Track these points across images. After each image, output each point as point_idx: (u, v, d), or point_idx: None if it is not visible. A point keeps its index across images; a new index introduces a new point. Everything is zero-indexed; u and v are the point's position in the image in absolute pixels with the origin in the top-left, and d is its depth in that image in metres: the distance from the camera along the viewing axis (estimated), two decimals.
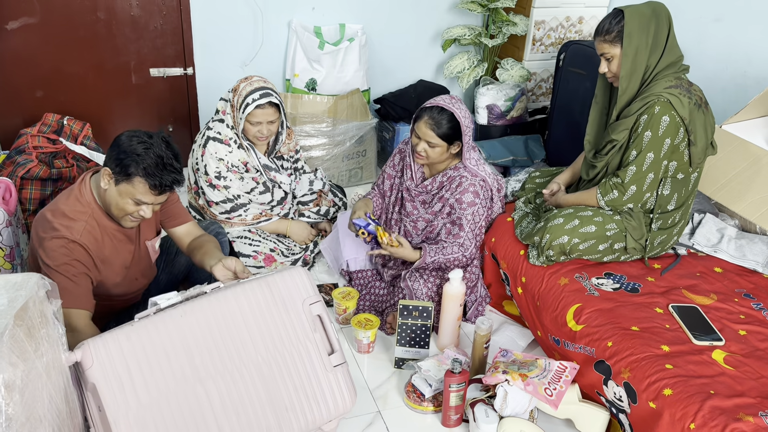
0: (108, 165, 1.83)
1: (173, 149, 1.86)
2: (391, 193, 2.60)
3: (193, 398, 1.59)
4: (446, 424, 2.02)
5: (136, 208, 1.86)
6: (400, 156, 2.58)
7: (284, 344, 1.73)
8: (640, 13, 2.10)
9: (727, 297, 2.11)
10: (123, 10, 3.19)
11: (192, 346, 1.63)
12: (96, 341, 1.57)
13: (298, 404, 1.70)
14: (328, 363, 1.76)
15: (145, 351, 1.59)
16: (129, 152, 1.79)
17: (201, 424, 1.58)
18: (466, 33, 3.63)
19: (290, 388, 1.70)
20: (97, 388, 1.57)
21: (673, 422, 1.66)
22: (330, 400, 1.74)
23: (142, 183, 1.80)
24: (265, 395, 1.67)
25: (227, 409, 1.61)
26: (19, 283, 1.30)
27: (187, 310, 1.66)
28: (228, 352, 1.66)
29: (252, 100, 2.45)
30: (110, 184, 1.84)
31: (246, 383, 1.66)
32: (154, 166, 1.79)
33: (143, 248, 2.08)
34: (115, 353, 1.57)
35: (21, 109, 3.23)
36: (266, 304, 1.74)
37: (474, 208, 2.34)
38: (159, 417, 1.55)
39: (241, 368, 1.66)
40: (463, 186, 2.36)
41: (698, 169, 2.23)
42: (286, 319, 1.75)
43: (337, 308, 2.47)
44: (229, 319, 1.69)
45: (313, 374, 1.74)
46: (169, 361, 1.60)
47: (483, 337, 2.16)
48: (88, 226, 1.88)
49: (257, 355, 1.69)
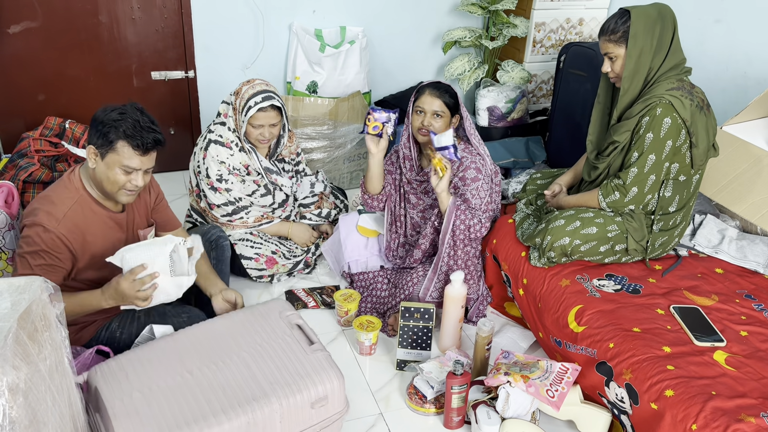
0: (91, 143, 1.87)
1: (148, 115, 1.90)
2: (395, 189, 2.61)
3: (182, 382, 1.72)
4: (448, 425, 2.02)
5: (127, 177, 1.89)
6: (397, 155, 2.59)
7: (264, 339, 1.89)
8: (646, 14, 2.10)
9: (728, 298, 2.11)
10: (124, 13, 3.20)
11: (181, 350, 1.83)
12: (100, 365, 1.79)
13: (282, 379, 1.76)
14: (308, 349, 1.87)
15: (139, 357, 1.80)
16: (106, 122, 1.84)
17: (191, 401, 1.67)
18: (466, 35, 3.64)
19: (273, 367, 1.79)
20: (99, 390, 1.64)
21: (675, 423, 1.66)
22: (315, 377, 1.78)
23: (126, 146, 1.84)
24: (248, 374, 1.77)
25: (214, 387, 1.72)
26: (22, 287, 1.30)
27: (178, 333, 1.92)
28: (213, 349, 1.84)
29: (254, 103, 2.45)
30: (97, 161, 1.87)
31: (230, 367, 1.78)
32: (133, 128, 1.84)
33: (135, 238, 2.10)
34: (115, 364, 1.78)
35: (23, 113, 3.24)
36: (246, 319, 1.96)
37: (477, 183, 2.35)
38: (152, 399, 1.67)
39: (224, 358, 1.81)
40: (465, 164, 2.39)
41: (700, 170, 2.23)
42: (265, 324, 1.94)
43: (338, 310, 2.48)
44: (214, 332, 1.91)
45: (295, 357, 1.83)
46: (160, 360, 1.79)
47: (485, 339, 2.16)
48: (71, 211, 1.89)
49: (239, 349, 1.85)
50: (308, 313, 2.56)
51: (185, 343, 1.86)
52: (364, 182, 2.59)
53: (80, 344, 2.06)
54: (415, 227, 2.54)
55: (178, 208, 3.26)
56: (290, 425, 1.74)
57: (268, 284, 2.73)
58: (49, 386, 1.33)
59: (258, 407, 1.67)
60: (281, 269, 2.71)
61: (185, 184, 3.51)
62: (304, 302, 2.61)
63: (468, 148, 2.44)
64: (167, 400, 1.66)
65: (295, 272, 2.77)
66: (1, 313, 1.21)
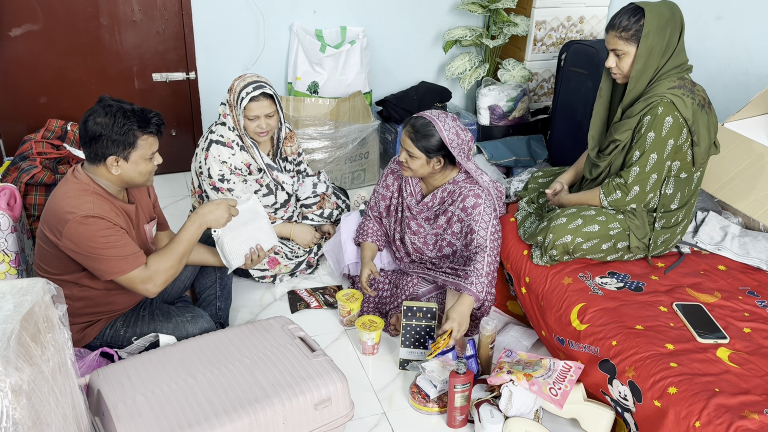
0: (107, 155, 1.86)
1: (123, 100, 1.91)
2: (388, 213, 2.57)
3: (185, 386, 1.74)
4: (451, 424, 2.02)
5: (152, 163, 1.96)
6: (393, 176, 2.54)
7: (267, 347, 1.91)
8: (659, 13, 2.05)
9: (731, 295, 2.11)
10: (125, 15, 3.20)
11: (184, 357, 1.85)
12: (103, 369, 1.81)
13: (285, 381, 1.77)
14: (311, 355, 1.89)
15: (142, 361, 1.82)
16: (116, 128, 1.84)
17: (193, 403, 1.68)
18: (467, 34, 3.64)
19: (275, 372, 1.81)
20: (102, 393, 1.64)
21: (678, 420, 1.66)
22: (318, 379, 1.79)
23: (146, 138, 1.89)
24: (251, 377, 1.78)
25: (216, 390, 1.73)
26: (24, 288, 1.31)
27: (181, 342, 1.94)
28: (216, 356, 1.87)
29: (246, 93, 2.47)
30: (120, 165, 1.90)
31: (232, 372, 1.80)
32: (138, 119, 1.87)
33: (142, 232, 2.11)
34: (117, 367, 1.80)
35: (25, 116, 3.25)
36: (249, 331, 1.99)
37: (479, 208, 2.30)
38: (155, 402, 1.68)
39: (227, 364, 1.83)
40: (464, 193, 2.33)
41: (701, 168, 2.22)
42: (268, 336, 1.97)
43: (341, 310, 2.48)
44: (218, 341, 1.94)
45: (297, 362, 1.85)
46: (163, 365, 1.81)
47: (488, 338, 2.16)
48: (93, 201, 1.89)
49: (242, 355, 1.87)
50: (311, 313, 2.56)
51: (188, 351, 1.87)
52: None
53: (85, 342, 2.07)
54: (418, 252, 2.50)
55: (180, 209, 3.27)
56: (294, 427, 1.73)
57: (271, 285, 2.73)
58: (52, 387, 1.33)
59: (260, 409, 1.67)
60: (283, 270, 2.71)
61: (187, 186, 3.52)
62: (306, 302, 2.61)
63: (468, 178, 2.37)
64: (170, 402, 1.67)
65: (297, 272, 2.77)
66: (4, 314, 1.22)
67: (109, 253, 1.86)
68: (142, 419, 1.61)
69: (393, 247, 2.59)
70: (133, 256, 1.91)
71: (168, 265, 1.98)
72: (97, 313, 2.05)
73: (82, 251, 1.85)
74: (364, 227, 2.59)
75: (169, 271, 1.98)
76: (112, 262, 1.87)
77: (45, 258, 1.96)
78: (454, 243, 2.39)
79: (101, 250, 1.85)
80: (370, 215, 2.61)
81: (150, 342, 2.05)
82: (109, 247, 1.86)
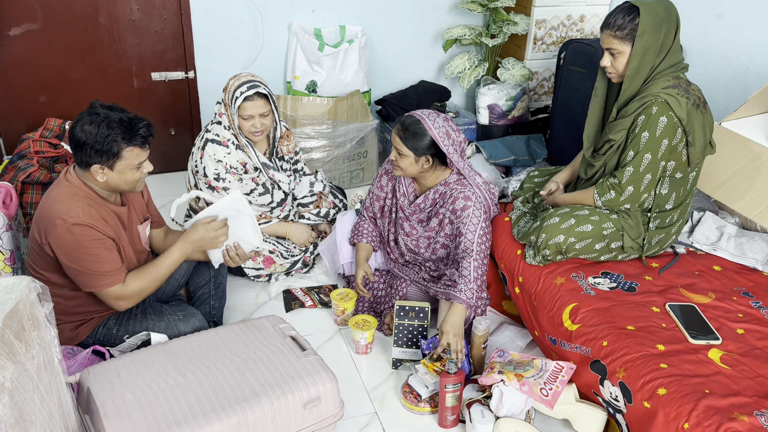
0: (91, 164, 1.87)
1: (114, 106, 1.90)
2: (383, 214, 2.56)
3: (174, 384, 1.74)
4: (443, 424, 2.02)
5: (140, 171, 1.94)
6: (388, 177, 2.53)
7: (257, 347, 1.91)
8: (654, 12, 2.03)
9: (725, 295, 2.09)
10: (124, 15, 3.21)
11: (174, 356, 1.85)
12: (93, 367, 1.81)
13: (274, 380, 1.77)
14: (301, 354, 1.89)
15: (132, 360, 1.82)
16: (99, 139, 1.83)
17: (182, 402, 1.68)
18: (466, 33, 3.63)
19: (264, 371, 1.81)
20: (91, 390, 1.66)
21: (667, 422, 1.64)
22: (307, 378, 1.80)
23: (131, 150, 1.88)
24: (240, 376, 1.78)
25: (205, 389, 1.73)
26: (9, 286, 1.31)
27: (172, 341, 1.94)
28: (205, 355, 1.86)
29: (240, 93, 2.47)
30: (106, 173, 1.89)
31: (222, 371, 1.80)
32: (125, 130, 1.85)
33: (135, 233, 2.11)
34: (107, 366, 1.80)
35: (24, 115, 3.27)
36: (240, 330, 1.99)
37: (468, 210, 2.28)
38: (144, 400, 1.68)
39: (217, 362, 1.83)
40: (454, 195, 2.31)
41: (697, 168, 2.21)
42: (258, 335, 1.96)
43: (335, 309, 2.48)
44: (208, 340, 1.93)
45: (287, 361, 1.85)
46: (153, 364, 1.81)
47: (481, 338, 2.15)
48: (85, 206, 1.90)
49: (232, 354, 1.87)
50: (305, 313, 2.56)
51: (179, 349, 1.88)
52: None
53: (78, 341, 2.08)
54: (412, 252, 2.50)
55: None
56: (282, 426, 1.74)
57: (266, 283, 2.73)
58: (37, 385, 1.33)
59: (249, 407, 1.67)
60: (279, 268, 2.72)
61: (185, 185, 3.53)
62: (301, 301, 2.61)
63: (460, 179, 2.35)
64: (158, 401, 1.67)
65: (292, 271, 2.77)
66: None
67: (90, 267, 1.88)
68: (130, 417, 1.62)
69: (387, 248, 2.59)
70: (111, 274, 1.92)
71: (144, 285, 2.01)
72: (89, 311, 2.06)
73: (64, 259, 1.88)
74: (359, 227, 2.59)
75: (143, 292, 2.02)
76: (90, 277, 1.90)
77: (37, 257, 1.97)
78: (447, 245, 2.38)
79: (83, 262, 1.87)
80: (365, 215, 2.61)
81: (142, 340, 2.06)
82: (90, 260, 1.88)
